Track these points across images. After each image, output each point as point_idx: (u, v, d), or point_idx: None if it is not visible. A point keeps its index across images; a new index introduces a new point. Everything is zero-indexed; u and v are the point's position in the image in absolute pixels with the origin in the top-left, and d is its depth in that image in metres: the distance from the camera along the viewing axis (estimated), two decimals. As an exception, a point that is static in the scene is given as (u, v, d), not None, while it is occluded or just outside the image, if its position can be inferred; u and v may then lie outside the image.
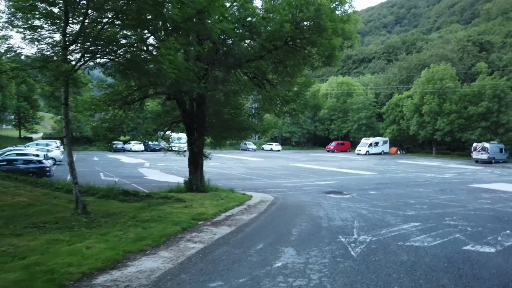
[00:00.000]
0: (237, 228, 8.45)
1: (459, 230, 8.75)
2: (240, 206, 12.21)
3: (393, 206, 13.07)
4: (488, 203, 14.31)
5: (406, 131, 51.58)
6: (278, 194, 16.32)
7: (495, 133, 42.65)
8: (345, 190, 17.87)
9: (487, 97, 42.61)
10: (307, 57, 11.13)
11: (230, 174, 25.50)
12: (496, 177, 26.19)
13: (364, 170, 29.18)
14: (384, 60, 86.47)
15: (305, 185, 19.88)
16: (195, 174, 15.60)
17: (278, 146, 60.24)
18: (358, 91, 61.26)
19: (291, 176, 24.58)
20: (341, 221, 9.62)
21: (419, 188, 19.08)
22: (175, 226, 8.14)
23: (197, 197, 13.72)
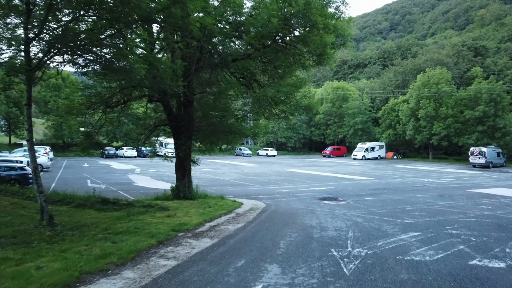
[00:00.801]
0: (219, 241, 7.66)
1: (463, 241, 8.00)
2: (227, 215, 11.42)
3: (390, 214, 12.33)
4: (489, 209, 13.63)
5: (402, 136, 51.08)
6: (270, 201, 15.58)
7: (492, 137, 42.20)
8: (340, 196, 17.15)
9: (483, 101, 42.22)
10: (298, 56, 10.43)
11: (223, 180, 24.69)
12: (494, 181, 25.60)
13: (360, 175, 28.48)
14: (380, 65, 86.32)
15: (299, 191, 19.14)
16: (183, 181, 14.81)
17: (274, 151, 59.52)
18: (353, 96, 60.83)
19: (286, 181, 23.84)
20: (334, 231, 8.85)
21: (417, 194, 18.40)
22: (150, 239, 7.34)
23: (183, 205, 12.93)
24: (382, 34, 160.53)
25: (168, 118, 13.87)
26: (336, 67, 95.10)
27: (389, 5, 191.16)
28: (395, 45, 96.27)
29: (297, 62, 10.71)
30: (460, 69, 59.15)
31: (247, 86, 11.28)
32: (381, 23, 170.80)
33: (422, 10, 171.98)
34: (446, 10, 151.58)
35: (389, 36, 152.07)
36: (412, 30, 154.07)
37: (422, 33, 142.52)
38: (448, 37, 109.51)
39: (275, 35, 10.07)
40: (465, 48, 66.54)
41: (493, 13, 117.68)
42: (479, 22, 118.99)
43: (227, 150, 63.45)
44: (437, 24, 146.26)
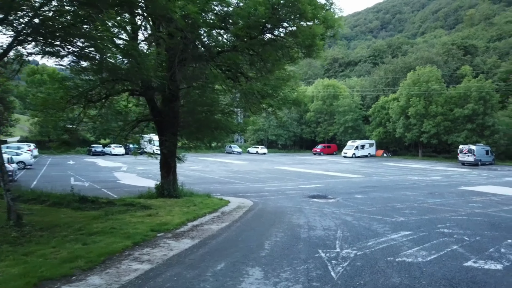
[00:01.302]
0: (200, 241, 7.19)
1: (456, 240, 7.67)
2: (212, 213, 10.95)
3: (380, 212, 12.00)
4: (480, 207, 13.41)
5: (392, 134, 51.11)
6: (258, 199, 15.17)
7: (481, 135, 42.40)
8: (330, 194, 16.81)
9: (472, 99, 42.36)
10: (286, 48, 9.99)
11: (211, 177, 24.17)
12: (483, 179, 25.57)
13: (350, 173, 28.24)
14: (370, 63, 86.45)
15: (289, 189, 18.76)
16: (167, 179, 14.27)
17: (264, 149, 59.11)
18: (344, 94, 60.70)
19: (275, 179, 23.43)
20: (322, 231, 8.45)
21: (407, 192, 18.16)
22: (126, 240, 6.84)
23: (167, 203, 12.42)
24: (373, 33, 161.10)
25: (152, 113, 13.32)
26: (327, 65, 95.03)
27: (380, 4, 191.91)
28: (386, 44, 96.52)
29: (286, 55, 10.27)
30: (449, 67, 59.42)
31: (233, 79, 10.80)
32: (372, 22, 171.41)
33: (412, 9, 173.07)
34: (436, 10, 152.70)
35: (379, 35, 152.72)
36: (402, 29, 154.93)
37: (412, 32, 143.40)
38: (438, 36, 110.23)
39: (262, 25, 9.61)
40: (455, 47, 66.91)
41: (482, 12, 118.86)
42: (469, 22, 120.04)
43: (217, 147, 62.82)
44: (427, 23, 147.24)
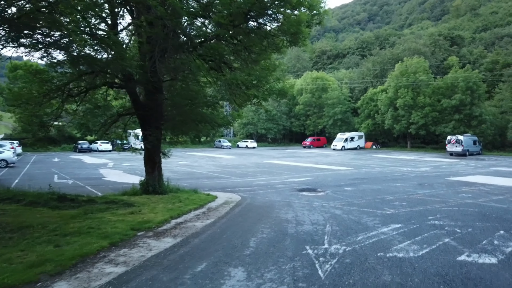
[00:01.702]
0: (182, 240, 6.82)
1: (447, 233, 7.44)
2: (198, 210, 10.58)
3: (370, 204, 11.77)
4: (470, 198, 13.30)
5: (381, 126, 51.22)
6: (246, 194, 14.85)
7: (468, 125, 42.70)
8: (319, 187, 16.58)
9: (460, 89, 42.57)
10: (271, 36, 9.59)
11: (199, 173, 23.75)
12: (471, 169, 25.67)
13: (340, 166, 28.10)
14: (358, 56, 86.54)
15: (278, 183, 18.48)
16: (152, 174, 13.83)
17: (254, 143, 58.73)
18: (333, 86, 60.56)
19: (264, 173, 23.13)
20: (311, 225, 8.16)
21: (396, 183, 18.04)
22: (102, 240, 6.43)
23: (152, 200, 12.00)
24: (360, 25, 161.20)
25: (134, 106, 12.81)
26: (315, 58, 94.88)
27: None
28: (374, 36, 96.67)
29: (271, 44, 9.88)
30: (436, 58, 59.70)
31: (216, 70, 10.38)
32: (359, 14, 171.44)
33: (399, 1, 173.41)
34: (423, 1, 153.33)
35: (367, 27, 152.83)
36: (390, 21, 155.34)
37: (399, 24, 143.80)
38: (425, 27, 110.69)
39: (245, 13, 9.20)
40: (442, 37, 67.23)
41: (468, 3, 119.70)
42: (455, 13, 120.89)
43: (206, 142, 62.33)
44: (414, 15, 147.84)
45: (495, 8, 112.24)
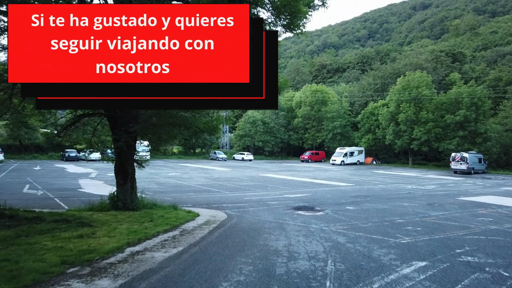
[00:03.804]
0: (124, 284, 4.89)
1: (493, 279, 5.54)
2: (169, 232, 8.65)
3: (378, 229, 9.87)
4: (492, 223, 11.43)
5: (382, 141, 49.54)
6: (234, 211, 12.95)
7: (473, 142, 41.03)
8: (317, 205, 14.70)
9: (464, 105, 41.05)
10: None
11: (187, 185, 21.80)
12: (480, 189, 23.86)
13: (340, 181, 26.21)
14: (359, 70, 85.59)
15: (272, 199, 16.59)
16: (124, 187, 11.91)
17: (250, 155, 56.83)
18: (332, 100, 59.09)
19: (258, 187, 21.22)
20: (307, 261, 6.24)
21: (403, 202, 16.18)
22: (5, 283, 4.50)
23: (118, 218, 10.07)
24: (360, 42, 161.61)
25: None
26: (315, 71, 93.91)
27: (367, 13, 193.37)
28: (374, 51, 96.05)
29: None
30: (438, 74, 58.52)
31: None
32: (359, 31, 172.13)
33: (399, 19, 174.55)
34: (422, 20, 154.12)
35: (367, 43, 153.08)
36: (389, 38, 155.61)
37: (399, 41, 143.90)
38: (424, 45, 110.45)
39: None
40: (443, 54, 66.27)
41: (467, 23, 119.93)
42: (454, 32, 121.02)
43: (201, 154, 60.44)
44: (414, 33, 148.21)
45: (495, 28, 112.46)
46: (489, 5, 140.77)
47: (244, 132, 61.15)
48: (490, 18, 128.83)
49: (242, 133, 61.44)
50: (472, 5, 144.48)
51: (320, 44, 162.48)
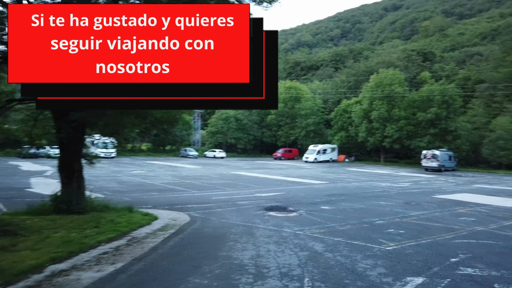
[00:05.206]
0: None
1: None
2: (113, 242, 7.21)
3: (358, 233, 8.82)
4: (476, 223, 10.70)
5: (355, 138, 49.31)
6: (199, 213, 11.64)
7: (443, 140, 41.35)
8: (290, 205, 13.61)
9: (436, 103, 41.30)
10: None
11: (151, 184, 20.18)
12: (454, 186, 23.65)
13: (313, 179, 25.33)
14: (332, 68, 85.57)
15: (242, 198, 15.38)
16: (69, 187, 10.30)
17: (222, 153, 55.27)
18: (306, 97, 58.44)
19: (228, 186, 19.92)
20: (278, 280, 5.03)
21: (380, 201, 15.38)
22: None
23: (56, 224, 8.51)
24: (333, 41, 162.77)
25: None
26: (289, 68, 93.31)
27: (341, 13, 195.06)
28: (347, 49, 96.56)
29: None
30: (410, 72, 59.02)
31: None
32: (333, 30, 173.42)
33: (371, 19, 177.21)
34: (393, 21, 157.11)
35: (340, 43, 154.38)
36: (362, 38, 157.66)
37: (371, 41, 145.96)
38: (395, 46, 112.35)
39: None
40: (415, 53, 67.17)
41: (437, 24, 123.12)
42: (424, 33, 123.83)
43: (171, 151, 58.31)
44: (385, 33, 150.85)
45: (462, 30, 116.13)
46: (457, 7, 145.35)
47: (216, 129, 59.50)
48: (457, 20, 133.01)
49: (215, 130, 59.77)
50: (441, 7, 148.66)
51: (294, 42, 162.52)
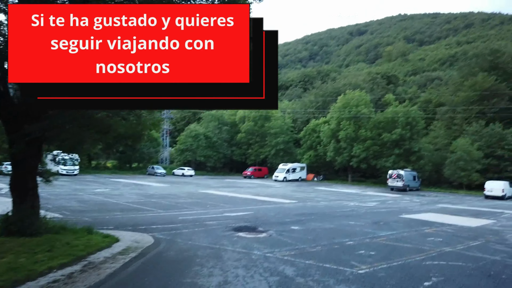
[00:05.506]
0: None
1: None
2: (66, 268, 6.58)
3: (329, 255, 8.62)
4: (443, 243, 10.82)
5: (323, 157, 50.01)
6: (164, 234, 11.07)
7: (407, 160, 42.74)
8: (260, 225, 13.29)
9: (400, 124, 42.83)
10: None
11: (115, 203, 19.19)
12: (418, 206, 24.27)
13: (283, 198, 25.16)
14: (301, 88, 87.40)
15: (210, 218, 14.86)
16: (21, 206, 9.46)
17: (191, 171, 54.17)
18: (276, 115, 59.01)
19: (196, 205, 19.31)
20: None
21: (349, 221, 15.38)
22: None
23: (5, 247, 7.79)
24: (302, 63, 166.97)
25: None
26: None
27: (309, 36, 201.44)
28: (316, 71, 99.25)
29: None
30: (375, 94, 61.24)
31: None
32: (301, 52, 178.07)
33: (337, 43, 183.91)
34: (359, 45, 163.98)
35: (308, 64, 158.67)
36: (329, 60, 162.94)
37: (338, 64, 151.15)
38: (361, 69, 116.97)
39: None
40: (379, 76, 69.99)
41: (399, 50, 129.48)
42: (387, 57, 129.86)
43: (137, 168, 56.53)
44: (351, 56, 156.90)
45: (423, 55, 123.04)
46: (417, 34, 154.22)
47: (185, 146, 58.49)
48: (418, 46, 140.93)
49: (183, 147, 58.73)
50: (402, 34, 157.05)
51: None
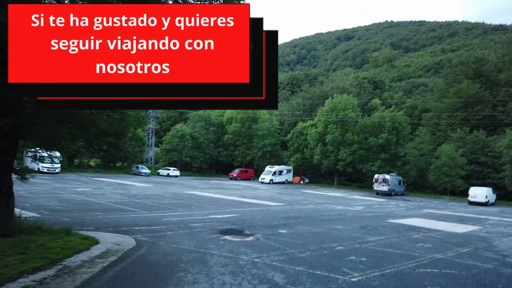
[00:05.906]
0: None
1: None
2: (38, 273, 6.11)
3: (319, 260, 8.32)
4: (433, 250, 10.68)
5: (310, 160, 50.02)
6: (147, 236, 10.60)
7: (393, 165, 43.06)
8: (247, 228, 12.95)
9: (386, 129, 43.13)
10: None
11: (97, 203, 18.54)
12: (405, 211, 24.31)
13: (269, 200, 24.86)
14: (289, 91, 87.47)
15: (195, 220, 14.43)
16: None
17: (176, 171, 53.39)
18: (263, 117, 58.78)
19: (181, 207, 18.82)
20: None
21: (337, 225, 15.17)
22: None
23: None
24: (290, 66, 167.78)
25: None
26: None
27: (297, 40, 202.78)
28: (303, 74, 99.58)
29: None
30: (362, 99, 61.72)
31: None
32: (289, 55, 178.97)
33: (325, 47, 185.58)
34: (346, 50, 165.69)
35: (296, 68, 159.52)
36: (316, 64, 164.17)
37: (325, 68, 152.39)
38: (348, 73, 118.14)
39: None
40: (366, 80, 70.60)
41: (385, 56, 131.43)
42: (374, 63, 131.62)
43: (122, 168, 55.42)
44: (338, 61, 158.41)
45: (408, 62, 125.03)
46: (403, 41, 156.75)
47: (171, 146, 57.65)
48: (404, 53, 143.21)
49: (169, 147, 57.87)
50: (389, 40, 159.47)
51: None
